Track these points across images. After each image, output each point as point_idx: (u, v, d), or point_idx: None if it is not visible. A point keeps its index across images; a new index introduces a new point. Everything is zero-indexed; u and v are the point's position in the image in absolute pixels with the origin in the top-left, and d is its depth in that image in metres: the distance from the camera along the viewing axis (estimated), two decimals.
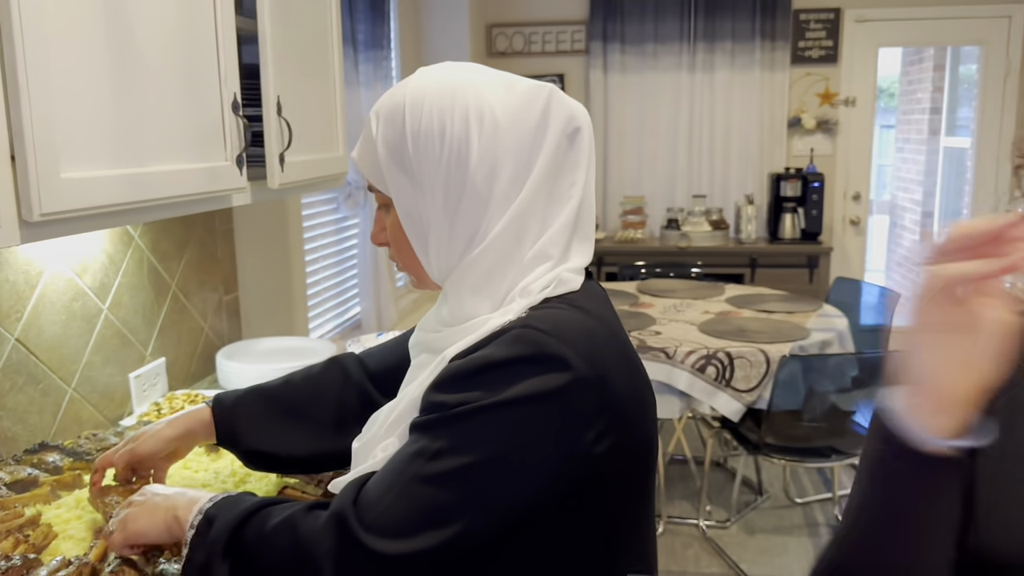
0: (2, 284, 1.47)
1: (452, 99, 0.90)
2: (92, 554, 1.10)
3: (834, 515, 3.47)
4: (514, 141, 0.89)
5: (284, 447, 1.16)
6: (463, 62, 0.96)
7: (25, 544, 1.14)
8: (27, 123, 1.03)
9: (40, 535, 1.16)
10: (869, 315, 4.18)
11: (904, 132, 7.38)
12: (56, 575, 1.04)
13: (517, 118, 0.90)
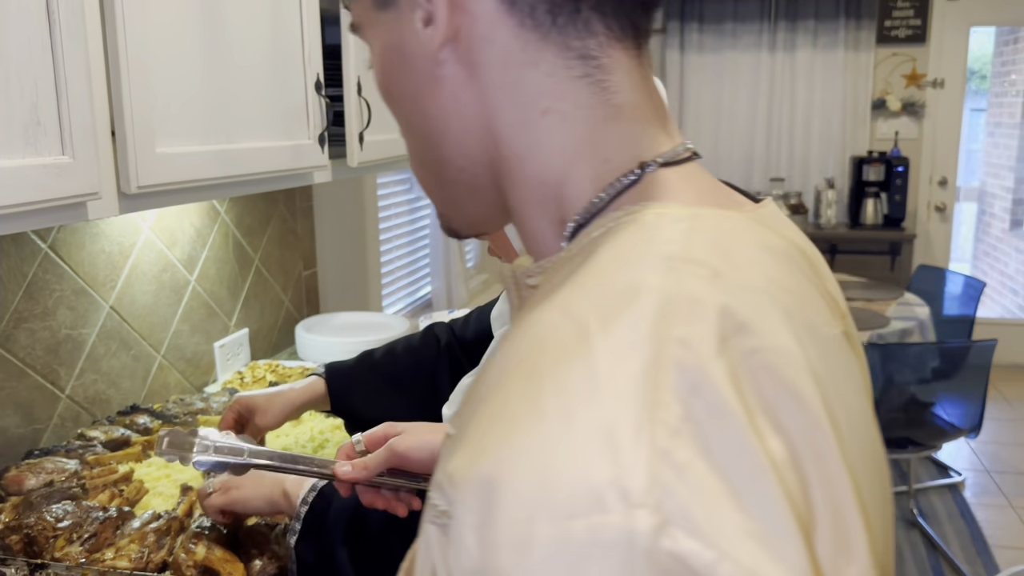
0: (98, 255, 1.55)
1: None
2: (180, 510, 1.16)
3: (909, 508, 3.39)
4: None
5: (390, 415, 1.20)
6: None
7: (120, 498, 1.21)
8: (127, 101, 1.09)
9: (133, 490, 1.23)
10: (953, 305, 4.06)
11: (996, 116, 7.07)
12: (147, 527, 1.11)
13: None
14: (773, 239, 0.47)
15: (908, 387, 3.03)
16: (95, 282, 1.54)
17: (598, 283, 0.41)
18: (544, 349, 0.38)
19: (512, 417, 0.36)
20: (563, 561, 0.32)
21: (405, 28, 0.49)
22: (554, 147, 0.48)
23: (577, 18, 0.46)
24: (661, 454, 0.33)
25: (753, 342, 0.38)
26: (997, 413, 4.50)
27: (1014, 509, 3.51)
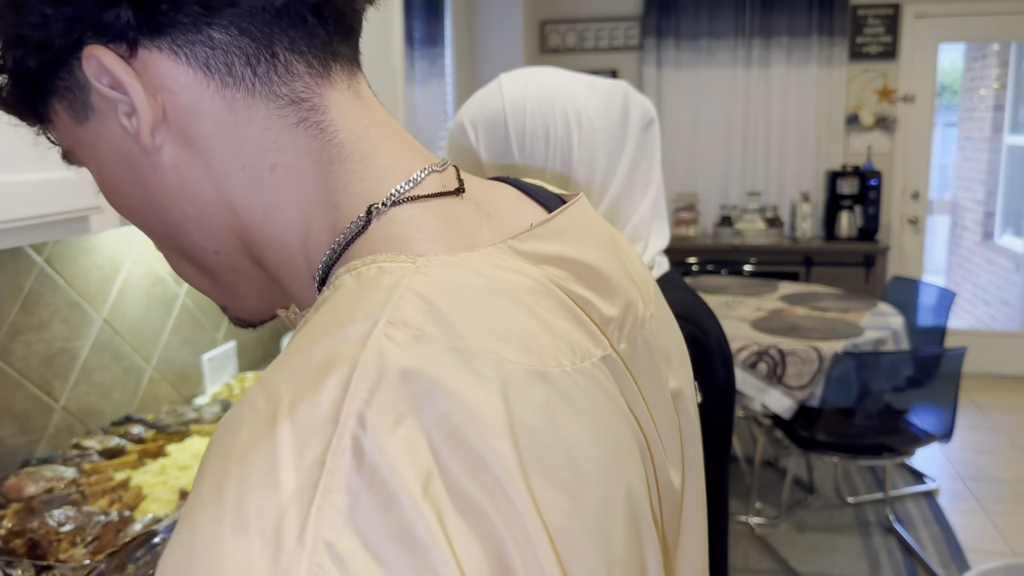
0: (91, 268, 1.58)
1: (552, 104, 0.96)
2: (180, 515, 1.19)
3: (886, 515, 3.46)
4: (604, 137, 0.96)
5: None
6: (539, 67, 1.02)
7: (119, 503, 1.24)
8: None
9: (132, 495, 1.26)
10: (927, 316, 4.14)
11: (966, 130, 7.24)
12: (148, 529, 1.14)
13: (605, 116, 0.97)
14: (516, 281, 0.44)
15: (883, 395, 3.10)
16: (88, 295, 1.57)
17: (301, 356, 0.39)
18: (239, 434, 0.37)
19: (199, 507, 0.36)
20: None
21: (112, 130, 0.47)
22: (290, 201, 0.47)
23: (276, 64, 0.45)
24: (323, 547, 0.33)
25: (442, 408, 0.37)
26: (970, 421, 4.59)
27: (987, 515, 3.58)
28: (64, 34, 0.44)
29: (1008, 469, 4.05)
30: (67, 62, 0.45)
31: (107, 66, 0.44)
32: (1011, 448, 4.29)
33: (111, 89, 0.45)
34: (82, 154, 0.50)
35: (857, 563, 3.17)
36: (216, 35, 0.44)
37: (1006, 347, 5.42)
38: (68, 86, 0.46)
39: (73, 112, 0.48)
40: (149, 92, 0.44)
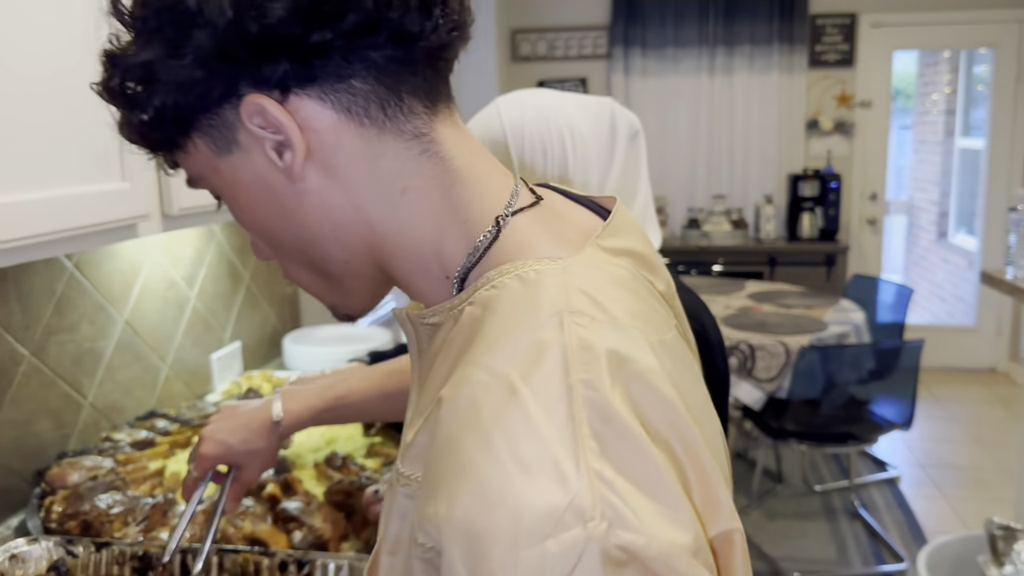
0: (113, 273, 1.68)
1: (547, 123, 1.06)
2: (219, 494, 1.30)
3: (851, 501, 3.64)
4: (596, 149, 1.07)
5: None
6: (531, 90, 1.13)
7: (161, 488, 1.34)
8: None
9: (172, 480, 1.36)
10: (886, 313, 4.34)
11: (920, 133, 7.51)
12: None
13: (595, 130, 1.08)
14: (619, 272, 0.57)
15: (847, 386, 3.28)
16: (112, 299, 1.67)
17: (507, 342, 0.50)
18: (482, 405, 0.48)
19: (473, 465, 0.45)
20: (555, 569, 0.43)
21: (256, 162, 0.56)
22: (423, 217, 0.57)
23: (402, 106, 0.56)
24: (595, 476, 0.45)
25: (632, 369, 0.50)
26: (929, 412, 4.81)
27: (946, 499, 3.78)
28: (224, 84, 0.54)
29: (966, 457, 4.26)
30: (220, 106, 0.55)
31: (268, 111, 0.54)
32: (968, 437, 4.51)
33: (261, 129, 0.55)
34: (216, 181, 0.60)
35: (825, 547, 3.34)
36: (357, 84, 0.55)
37: (962, 341, 5.67)
38: (214, 124, 0.56)
39: (215, 146, 0.57)
40: (301, 132, 0.54)
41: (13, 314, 1.43)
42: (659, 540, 0.45)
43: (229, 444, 1.09)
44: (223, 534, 1.20)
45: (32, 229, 1.00)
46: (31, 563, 1.16)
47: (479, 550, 0.44)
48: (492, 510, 0.44)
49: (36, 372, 1.48)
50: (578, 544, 0.43)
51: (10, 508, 1.43)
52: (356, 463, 1.43)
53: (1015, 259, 2.38)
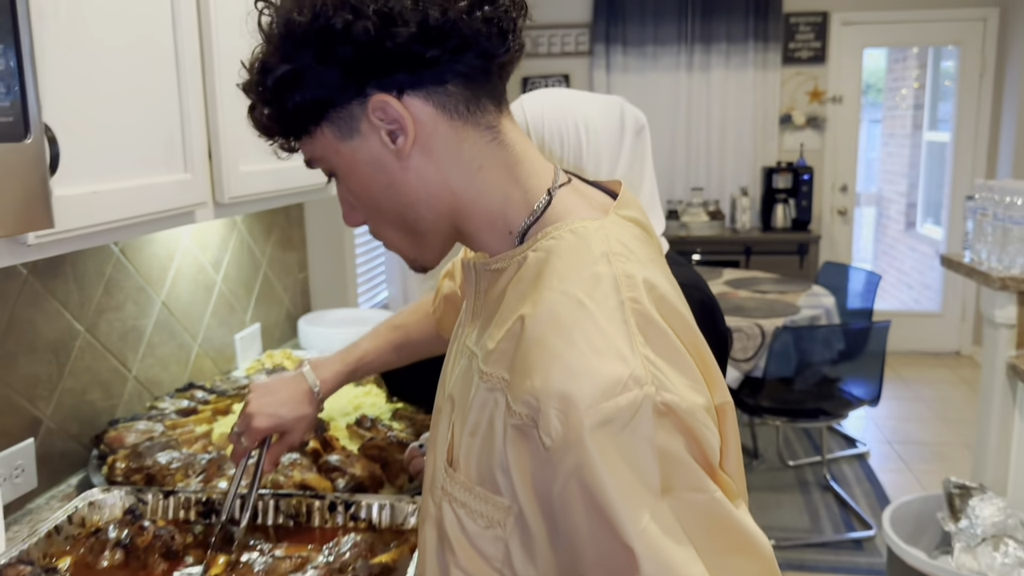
0: (152, 257, 1.83)
1: (564, 117, 1.23)
2: None
3: (823, 475, 3.86)
4: (606, 140, 1.23)
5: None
6: (552, 88, 1.29)
7: (212, 446, 1.51)
8: (222, 128, 1.40)
9: (221, 441, 1.53)
10: (855, 299, 4.56)
11: (890, 127, 7.77)
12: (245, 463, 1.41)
13: (606, 124, 1.23)
14: (636, 230, 0.78)
15: (819, 367, 3.49)
16: (151, 281, 1.83)
17: (571, 273, 0.71)
18: (561, 314, 0.68)
19: (560, 353, 0.66)
20: (618, 419, 0.63)
21: (372, 146, 0.74)
22: (493, 188, 0.77)
23: (480, 104, 0.75)
24: (644, 358, 0.66)
25: (657, 292, 0.72)
26: (896, 393, 5.05)
27: (912, 472, 4.01)
28: (356, 86, 0.72)
29: (930, 433, 4.50)
30: (350, 102, 0.73)
31: (389, 107, 0.72)
32: (933, 415, 4.75)
33: (381, 120, 0.73)
34: (335, 161, 0.77)
35: (799, 517, 3.56)
36: (451, 88, 0.74)
37: (928, 326, 5.92)
38: (342, 116, 0.74)
39: (339, 133, 0.75)
40: (411, 123, 0.73)
41: (71, 293, 1.58)
42: (687, 400, 0.67)
43: (280, 415, 1.27)
44: (275, 482, 1.36)
45: (114, 215, 1.16)
46: (106, 509, 1.32)
47: (570, 406, 0.64)
48: (578, 379, 0.64)
49: (90, 347, 1.63)
50: (637, 400, 0.64)
51: (70, 468, 1.59)
52: (384, 424, 1.60)
53: (971, 244, 2.59)
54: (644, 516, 0.63)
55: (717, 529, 0.66)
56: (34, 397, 1.49)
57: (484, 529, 0.73)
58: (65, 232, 1.04)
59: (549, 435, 0.65)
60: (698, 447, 0.67)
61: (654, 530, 0.63)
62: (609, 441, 0.63)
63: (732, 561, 0.67)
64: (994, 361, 2.43)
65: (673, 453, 0.65)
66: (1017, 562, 2.08)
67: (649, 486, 0.64)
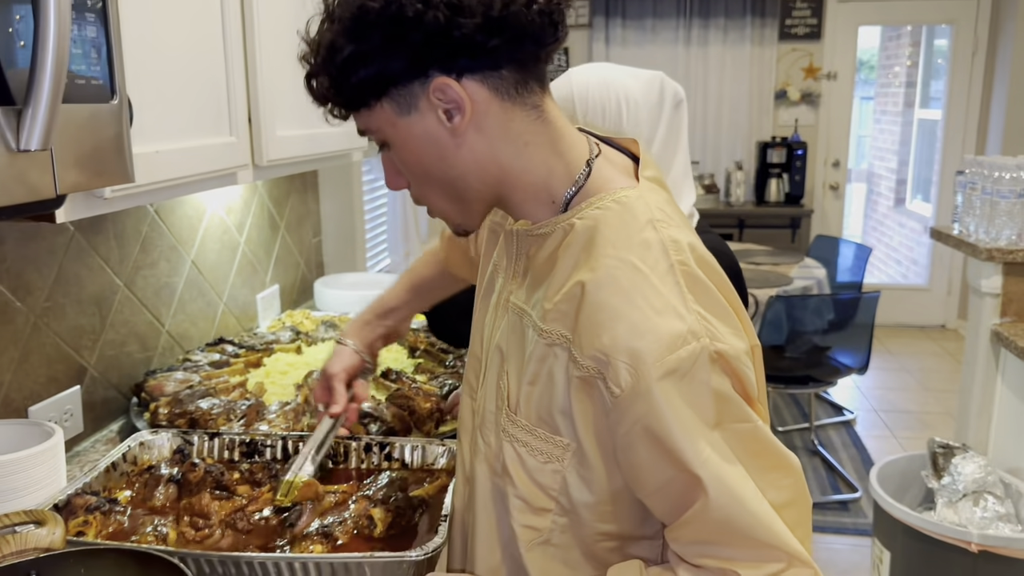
0: (183, 218, 1.92)
1: (607, 89, 1.31)
2: (300, 398, 1.57)
3: (811, 440, 3.99)
4: (646, 113, 1.31)
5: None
6: (599, 63, 1.36)
7: (249, 395, 1.61)
8: (261, 95, 1.49)
9: (257, 389, 1.63)
10: (845, 274, 4.69)
11: (882, 104, 7.85)
12: (283, 409, 1.51)
13: (647, 97, 1.31)
14: (664, 194, 0.89)
15: (810, 336, 3.61)
16: (182, 241, 1.91)
17: (625, 241, 0.80)
18: (619, 278, 0.79)
19: (623, 314, 0.77)
20: (680, 369, 0.75)
21: (428, 121, 0.81)
22: (538, 162, 0.85)
23: (527, 86, 0.83)
24: (697, 313, 0.77)
25: (698, 253, 0.83)
26: (883, 364, 5.19)
27: (896, 439, 4.16)
28: (420, 68, 0.79)
29: (915, 403, 4.65)
30: (411, 82, 0.80)
31: (449, 89, 0.80)
32: (918, 385, 4.90)
33: (439, 100, 0.80)
34: (390, 133, 0.84)
35: None
36: (504, 73, 0.82)
37: (915, 300, 6.07)
38: (402, 94, 0.81)
39: (398, 108, 0.82)
40: (467, 103, 0.81)
41: (112, 250, 1.67)
42: (734, 347, 0.79)
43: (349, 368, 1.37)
44: (312, 427, 1.47)
45: (173, 173, 1.25)
46: (155, 449, 1.42)
47: (639, 360, 0.75)
48: (643, 336, 0.76)
49: (128, 301, 1.72)
50: (695, 351, 0.76)
51: (111, 415, 1.69)
52: (408, 376, 1.70)
53: (960, 217, 2.70)
54: (705, 448, 0.76)
55: (759, 450, 0.79)
56: (79, 347, 1.59)
57: (543, 464, 0.85)
58: (134, 187, 1.13)
59: (619, 386, 0.76)
60: (742, 385, 0.79)
61: (714, 458, 0.76)
62: (673, 388, 0.75)
63: (772, 476, 0.80)
64: (978, 329, 2.55)
65: (724, 392, 0.77)
66: (995, 516, 2.21)
67: (707, 422, 0.77)
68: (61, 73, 0.80)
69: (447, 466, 1.38)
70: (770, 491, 0.79)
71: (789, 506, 0.80)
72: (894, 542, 2.33)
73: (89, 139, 0.93)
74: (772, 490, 0.79)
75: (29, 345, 1.45)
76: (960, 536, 2.15)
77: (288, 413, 1.51)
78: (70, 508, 1.20)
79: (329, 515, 1.20)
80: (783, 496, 0.80)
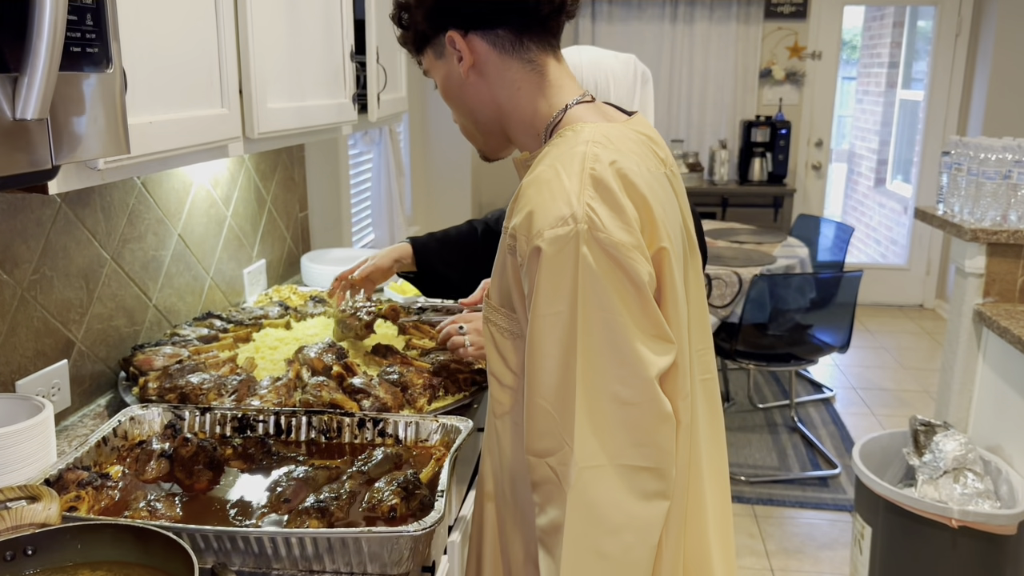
0: (169, 191, 1.89)
1: (597, 66, 1.49)
2: (291, 373, 1.56)
3: (791, 417, 4.04)
4: (626, 88, 1.49)
5: (454, 272, 1.85)
6: (585, 45, 1.51)
7: (240, 370, 1.59)
8: (253, 67, 1.46)
9: (249, 364, 1.62)
10: (826, 254, 4.72)
11: (864, 84, 7.87)
12: (275, 384, 1.51)
13: (625, 75, 1.50)
14: (633, 134, 1.03)
15: (792, 314, 3.64)
16: (169, 214, 1.89)
17: (560, 154, 0.97)
18: (540, 176, 0.95)
19: (531, 199, 0.93)
20: (558, 241, 0.90)
21: (451, 65, 1.08)
22: (527, 102, 1.06)
23: (524, 44, 1.05)
24: (587, 205, 0.90)
25: (620, 167, 0.94)
26: (862, 342, 5.25)
27: (875, 416, 4.21)
28: (441, 26, 1.06)
29: (893, 381, 4.71)
30: (438, 35, 1.07)
31: (457, 40, 1.05)
32: (896, 364, 4.96)
33: (453, 49, 1.06)
34: (434, 73, 1.11)
35: (767, 455, 3.74)
36: (501, 32, 1.05)
37: (894, 280, 6.13)
38: (434, 44, 1.09)
39: (435, 54, 1.10)
40: (468, 52, 1.05)
41: (99, 223, 1.64)
42: (614, 237, 0.91)
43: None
44: (305, 402, 1.46)
45: (165, 144, 1.23)
46: (146, 424, 1.41)
47: (531, 225, 0.92)
48: (537, 213, 0.92)
49: (115, 274, 1.70)
50: (572, 232, 0.90)
51: (99, 389, 1.67)
52: (399, 351, 1.70)
53: (945, 198, 2.72)
54: (549, 313, 0.91)
55: (612, 340, 0.90)
56: (67, 321, 1.57)
57: (507, 340, 1.02)
58: (128, 159, 1.11)
59: (521, 255, 0.94)
60: (621, 269, 0.90)
61: (549, 324, 0.91)
62: (547, 259, 0.90)
63: (618, 372, 0.90)
64: (961, 308, 2.58)
65: (594, 271, 0.90)
66: (975, 492, 2.25)
67: (565, 296, 0.90)
68: (58, 39, 0.78)
69: (441, 442, 1.38)
70: (611, 382, 0.90)
71: (631, 405, 0.90)
72: (876, 517, 2.37)
73: (85, 108, 0.91)
74: (614, 382, 0.90)
75: (16, 318, 1.43)
76: (941, 512, 2.18)
77: (280, 388, 1.50)
78: (62, 483, 1.19)
79: (324, 490, 1.20)
80: (626, 393, 0.90)
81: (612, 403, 0.90)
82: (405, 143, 4.60)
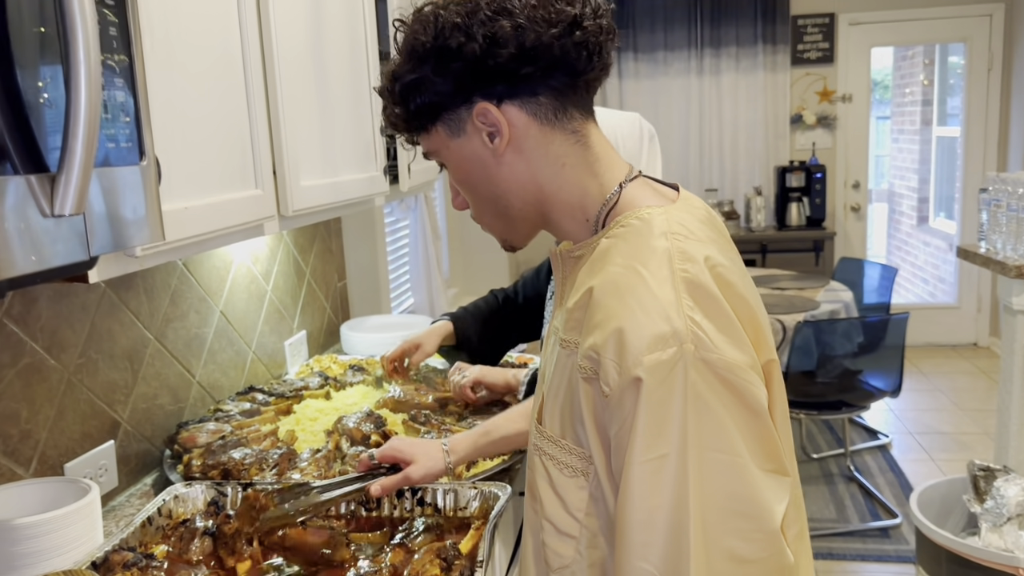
0: (210, 269, 1.94)
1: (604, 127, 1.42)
2: (331, 445, 1.57)
3: (847, 466, 3.93)
4: (633, 146, 1.50)
5: (486, 343, 1.95)
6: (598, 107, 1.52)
7: (280, 443, 1.61)
8: (285, 146, 1.51)
9: (288, 437, 1.63)
10: (872, 295, 4.64)
11: (899, 123, 7.82)
12: (315, 456, 1.52)
13: (631, 133, 1.51)
14: (700, 214, 0.89)
15: (840, 360, 3.57)
16: (210, 292, 1.93)
17: (635, 250, 0.82)
18: (620, 282, 0.80)
19: (616, 313, 0.78)
20: (661, 368, 0.74)
21: (474, 144, 0.89)
22: (574, 183, 0.90)
23: (566, 112, 0.89)
24: (690, 319, 0.76)
25: (713, 262, 0.81)
26: (915, 385, 5.12)
27: (934, 461, 4.08)
28: (464, 94, 0.87)
29: (950, 423, 4.57)
30: (458, 107, 0.88)
31: (490, 113, 0.87)
32: (952, 405, 4.82)
33: (482, 123, 0.87)
34: (446, 154, 0.92)
35: (825, 507, 3.63)
36: (543, 99, 0.88)
37: (944, 319, 5.99)
38: (452, 118, 0.89)
39: (449, 131, 0.89)
40: (506, 126, 0.87)
41: (142, 304, 1.69)
42: (725, 356, 0.76)
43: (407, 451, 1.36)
44: (344, 472, 1.47)
45: (201, 228, 1.27)
46: (190, 502, 1.43)
47: (624, 348, 0.76)
48: (629, 332, 0.77)
49: (159, 354, 1.74)
50: (676, 355, 0.75)
51: (145, 468, 1.70)
52: (436, 418, 1.70)
53: (987, 235, 2.67)
54: (653, 457, 0.75)
55: (732, 491, 0.76)
56: (113, 402, 1.60)
57: (568, 478, 0.84)
58: (165, 245, 1.15)
59: (608, 384, 0.77)
60: (739, 396, 0.76)
61: (652, 471, 0.75)
62: (647, 391, 0.75)
63: (738, 524, 0.76)
64: (1012, 348, 2.51)
65: (705, 401, 0.75)
66: None
67: (669, 436, 0.75)
68: (93, 139, 0.82)
69: (480, 509, 1.37)
70: (730, 538, 0.75)
71: (751, 563, 0.76)
72: (939, 568, 2.28)
73: (120, 201, 0.95)
74: (733, 538, 0.75)
75: (64, 402, 1.47)
76: (1008, 562, 2.10)
77: (320, 460, 1.51)
78: (108, 565, 1.20)
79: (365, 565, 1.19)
80: (747, 549, 0.76)
81: (729, 563, 0.76)
82: (440, 206, 4.67)
